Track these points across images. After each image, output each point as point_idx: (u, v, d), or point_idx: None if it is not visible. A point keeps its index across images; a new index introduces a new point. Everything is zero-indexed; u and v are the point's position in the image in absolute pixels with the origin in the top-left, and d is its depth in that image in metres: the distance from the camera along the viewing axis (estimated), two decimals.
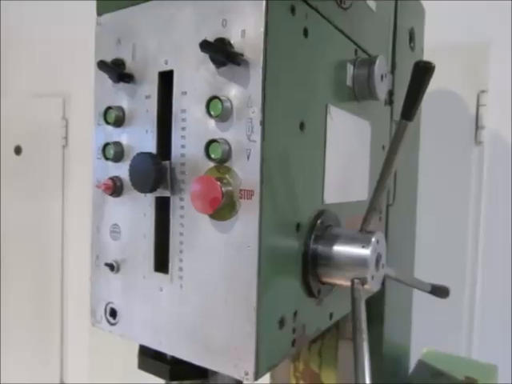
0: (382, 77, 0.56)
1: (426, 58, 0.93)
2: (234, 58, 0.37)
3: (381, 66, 0.55)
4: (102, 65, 0.45)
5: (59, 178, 2.05)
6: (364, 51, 0.58)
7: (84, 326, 1.80)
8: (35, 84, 2.05)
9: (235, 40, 0.38)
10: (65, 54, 1.91)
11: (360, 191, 0.60)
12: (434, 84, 1.23)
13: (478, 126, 1.14)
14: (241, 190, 0.38)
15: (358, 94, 0.56)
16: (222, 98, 0.38)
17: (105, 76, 0.47)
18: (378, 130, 0.65)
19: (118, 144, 0.46)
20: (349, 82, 0.54)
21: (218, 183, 0.37)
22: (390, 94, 0.71)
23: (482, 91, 1.13)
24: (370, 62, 0.55)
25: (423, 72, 0.39)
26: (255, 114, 0.37)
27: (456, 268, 1.14)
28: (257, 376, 0.38)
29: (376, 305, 0.72)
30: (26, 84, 2.07)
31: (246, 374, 0.38)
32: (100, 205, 0.49)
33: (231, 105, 0.38)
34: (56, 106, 2.07)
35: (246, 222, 0.38)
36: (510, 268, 1.08)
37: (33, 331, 2.09)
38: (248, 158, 0.38)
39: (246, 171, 0.38)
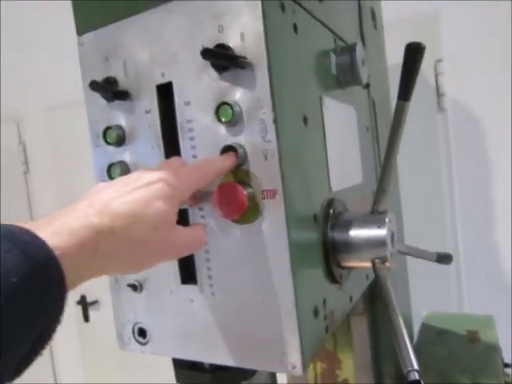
0: (362, 62, 0.58)
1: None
2: (237, 62, 0.37)
3: (360, 52, 0.57)
4: (94, 85, 0.44)
5: (25, 204, 1.96)
6: (341, 39, 0.60)
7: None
8: None
9: (234, 44, 0.39)
10: (12, 75, 1.83)
11: (356, 175, 0.62)
12: (393, 58, 1.29)
13: (439, 94, 1.19)
14: (263, 190, 0.39)
15: (342, 81, 0.57)
16: (230, 102, 0.38)
17: (96, 96, 0.46)
18: (361, 112, 0.67)
19: (122, 163, 0.45)
20: (333, 71, 0.56)
21: (241, 187, 0.38)
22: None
23: (439, 60, 1.18)
24: (351, 48, 0.56)
25: (415, 53, 0.41)
26: (267, 114, 0.38)
27: (436, 230, 1.20)
28: (304, 366, 0.39)
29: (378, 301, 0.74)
30: None
31: (294, 367, 0.39)
32: None
33: (240, 109, 0.39)
34: (10, 131, 1.98)
35: (273, 221, 0.39)
36: (488, 221, 1.15)
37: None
38: (266, 159, 0.38)
39: (266, 171, 0.38)
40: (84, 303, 1.70)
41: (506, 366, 0.85)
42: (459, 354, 0.77)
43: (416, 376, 0.36)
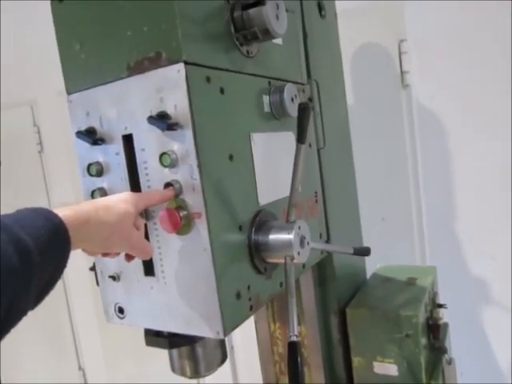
0: (292, 99, 0.74)
1: (347, 17, 1.11)
2: (171, 127, 0.54)
3: (289, 92, 0.73)
4: (80, 134, 0.62)
5: (41, 182, 2.16)
6: (276, 79, 0.75)
7: (91, 317, 1.99)
8: None
9: (171, 111, 0.55)
10: (26, 61, 1.96)
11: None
12: (360, 39, 1.45)
13: (402, 72, 1.33)
14: (193, 212, 0.56)
15: (276, 115, 0.73)
16: (168, 152, 0.55)
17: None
18: None
19: (101, 189, 0.63)
20: (267, 109, 0.71)
21: (177, 211, 0.55)
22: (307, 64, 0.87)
23: (402, 40, 1.31)
24: (280, 90, 0.72)
25: (304, 110, 0.57)
26: (193, 161, 0.55)
27: (401, 196, 1.38)
28: (225, 334, 0.57)
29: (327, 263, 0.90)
30: None
31: (218, 333, 0.57)
32: None
33: (176, 156, 0.56)
34: (25, 114, 2.17)
35: (200, 233, 0.56)
36: (449, 188, 1.31)
37: (45, 327, 2.26)
38: (194, 191, 0.55)
39: (194, 199, 0.56)
40: (96, 269, 1.91)
41: (440, 306, 1.01)
42: (394, 295, 0.94)
43: (294, 338, 0.53)
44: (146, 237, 0.60)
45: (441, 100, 1.29)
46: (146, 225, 0.60)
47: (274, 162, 0.73)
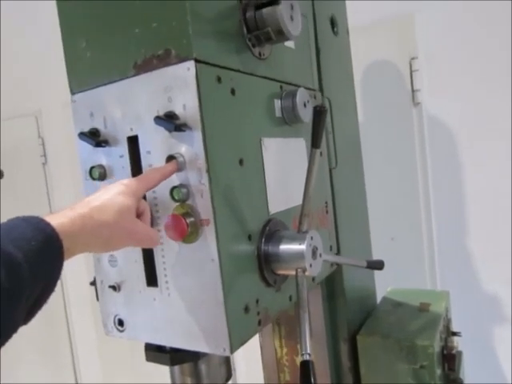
0: (304, 104, 0.71)
1: (358, 35, 1.08)
2: (179, 127, 0.51)
3: (301, 96, 0.70)
4: (82, 136, 0.59)
5: (44, 194, 2.13)
6: (288, 83, 0.72)
7: (89, 328, 1.94)
8: (3, 105, 2.08)
9: (179, 111, 0.52)
10: (31, 71, 1.95)
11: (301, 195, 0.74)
12: (370, 56, 1.41)
13: (413, 90, 1.30)
14: (200, 219, 0.52)
15: (287, 120, 0.70)
16: (176, 155, 0.52)
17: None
18: None
19: None
20: (278, 114, 0.68)
21: (183, 218, 0.52)
22: (320, 81, 0.84)
23: (413, 58, 1.28)
24: (292, 94, 0.69)
25: (320, 113, 0.54)
26: (202, 165, 0.51)
27: (412, 218, 1.33)
28: (232, 350, 0.53)
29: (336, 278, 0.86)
30: None
31: (224, 350, 0.53)
32: None
33: (184, 159, 0.52)
34: (30, 125, 2.14)
35: (208, 242, 0.52)
36: (460, 207, 1.27)
37: (43, 342, 2.20)
38: (202, 196, 0.52)
39: (202, 206, 0.52)
40: (96, 281, 1.86)
41: (454, 334, 0.96)
42: (407, 321, 0.89)
43: (307, 357, 0.49)
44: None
45: (452, 118, 1.26)
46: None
47: (284, 169, 0.69)
